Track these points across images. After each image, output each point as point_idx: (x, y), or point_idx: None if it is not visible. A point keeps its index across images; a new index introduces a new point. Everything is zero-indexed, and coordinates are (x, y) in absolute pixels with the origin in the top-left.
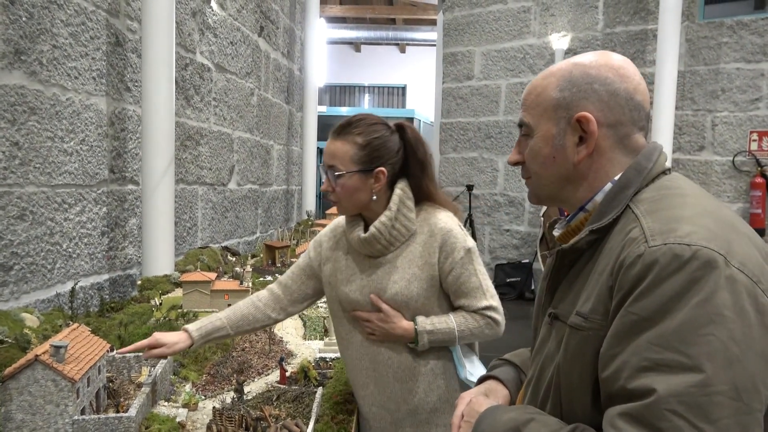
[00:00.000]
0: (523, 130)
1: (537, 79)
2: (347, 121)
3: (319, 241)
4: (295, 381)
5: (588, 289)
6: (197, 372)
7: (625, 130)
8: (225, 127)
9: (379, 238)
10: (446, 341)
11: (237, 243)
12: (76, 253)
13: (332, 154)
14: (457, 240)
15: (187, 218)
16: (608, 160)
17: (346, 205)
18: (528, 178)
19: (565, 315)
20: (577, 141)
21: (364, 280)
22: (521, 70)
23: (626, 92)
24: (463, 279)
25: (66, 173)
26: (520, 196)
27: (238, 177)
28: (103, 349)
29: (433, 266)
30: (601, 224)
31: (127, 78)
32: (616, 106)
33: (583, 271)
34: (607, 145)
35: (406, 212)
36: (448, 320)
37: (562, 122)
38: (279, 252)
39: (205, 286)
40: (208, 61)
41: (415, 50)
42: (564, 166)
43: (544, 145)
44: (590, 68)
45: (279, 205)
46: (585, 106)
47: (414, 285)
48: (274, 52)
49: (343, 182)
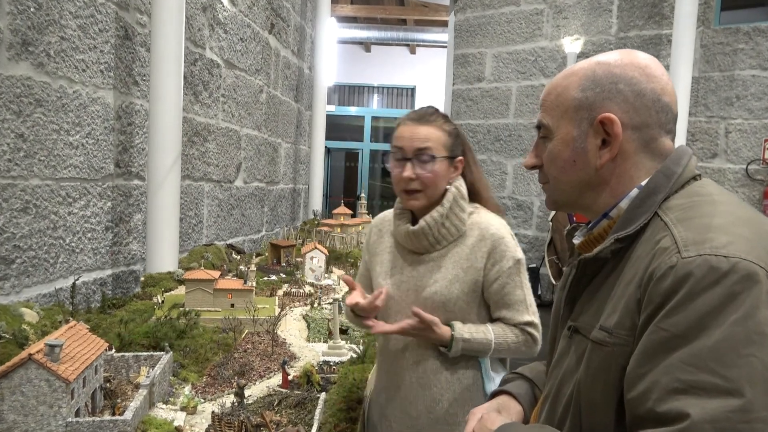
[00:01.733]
0: (542, 132)
1: (557, 79)
2: (426, 111)
3: (366, 241)
4: (297, 385)
5: (613, 302)
6: (197, 373)
7: (652, 132)
8: (233, 124)
9: (427, 234)
10: (480, 352)
11: (242, 241)
12: (80, 248)
13: (425, 137)
14: (508, 248)
15: (192, 215)
16: (633, 165)
17: (431, 194)
18: (545, 183)
19: (586, 328)
20: (599, 144)
21: (404, 275)
22: (532, 73)
23: (653, 93)
24: (508, 290)
25: (71, 167)
26: (528, 200)
27: (244, 174)
28: (100, 348)
29: (479, 271)
30: (627, 232)
31: (135, 72)
32: (642, 107)
33: (607, 281)
34: (631, 149)
35: (458, 211)
36: (486, 331)
37: (583, 124)
38: (284, 251)
39: (208, 284)
40: (218, 57)
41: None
42: (585, 171)
43: (564, 148)
44: (615, 67)
45: (285, 203)
46: (609, 107)
47: (455, 287)
48: (284, 49)
49: (437, 168)
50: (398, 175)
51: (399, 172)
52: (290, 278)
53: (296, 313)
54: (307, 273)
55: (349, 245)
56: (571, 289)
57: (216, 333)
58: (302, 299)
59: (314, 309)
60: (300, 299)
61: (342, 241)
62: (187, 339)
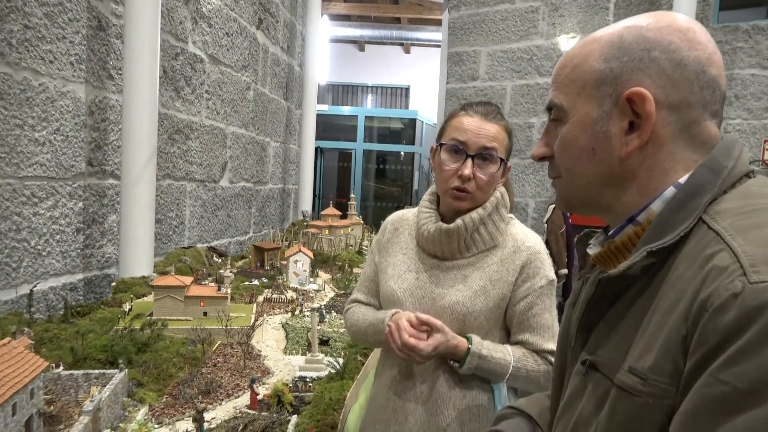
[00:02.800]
0: (554, 114)
1: (575, 48)
2: (490, 107)
3: (378, 239)
4: (267, 406)
5: (646, 336)
6: (157, 392)
7: (693, 114)
8: (218, 122)
9: (461, 234)
10: (495, 374)
11: (228, 243)
12: (47, 251)
13: (492, 136)
14: (543, 265)
15: (173, 216)
16: (668, 155)
17: (479, 198)
18: (556, 178)
19: (608, 367)
20: (626, 127)
21: (420, 280)
22: (528, 72)
23: (697, 63)
24: (536, 311)
25: (36, 164)
26: (523, 201)
27: (230, 174)
28: (37, 369)
29: (508, 285)
30: (663, 244)
31: (110, 65)
32: (682, 80)
33: (635, 306)
34: (667, 134)
35: (497, 219)
36: (506, 351)
37: (606, 102)
38: (268, 254)
39: (179, 291)
40: (201, 52)
41: (419, 51)
42: (606, 162)
43: (580, 133)
44: (648, 30)
45: (274, 204)
46: (639, 80)
47: (479, 300)
48: (273, 46)
49: (494, 171)
50: (452, 170)
51: (455, 168)
52: (272, 283)
53: (275, 321)
54: (291, 277)
55: (337, 248)
56: (586, 313)
57: (184, 345)
58: (283, 306)
59: (295, 317)
60: (281, 306)
61: (330, 243)
62: (149, 353)
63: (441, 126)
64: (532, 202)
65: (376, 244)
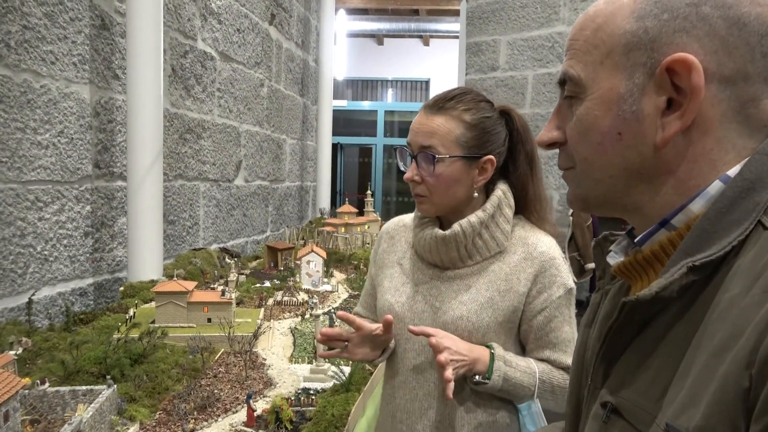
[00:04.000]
0: (568, 90)
1: (599, 4)
2: (447, 95)
3: (374, 251)
4: (265, 423)
5: (689, 382)
6: (150, 408)
7: (752, 90)
8: (231, 120)
9: (460, 241)
10: (522, 386)
11: (245, 243)
12: (54, 256)
13: (430, 132)
14: (559, 273)
15: (186, 216)
16: (717, 143)
17: (438, 201)
18: (569, 169)
19: (635, 415)
20: (663, 106)
21: (419, 293)
22: (549, 60)
23: (760, 22)
24: (555, 325)
25: (40, 168)
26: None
27: (245, 173)
28: (11, 390)
29: (520, 297)
30: (709, 257)
31: (115, 65)
32: (740, 45)
33: (669, 337)
34: (716, 115)
35: (501, 221)
36: (528, 361)
37: (638, 73)
38: (282, 254)
39: (181, 297)
40: (212, 49)
41: (438, 43)
42: (636, 150)
43: (603, 113)
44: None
45: (292, 202)
46: (684, 44)
47: (487, 313)
48: (287, 41)
49: (442, 170)
50: (408, 176)
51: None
52: (284, 284)
53: (284, 325)
54: (304, 278)
55: (353, 246)
56: (607, 343)
57: (184, 354)
58: (294, 309)
59: (305, 321)
60: (291, 309)
61: (345, 241)
62: (145, 364)
63: None
64: (556, 194)
65: (373, 255)
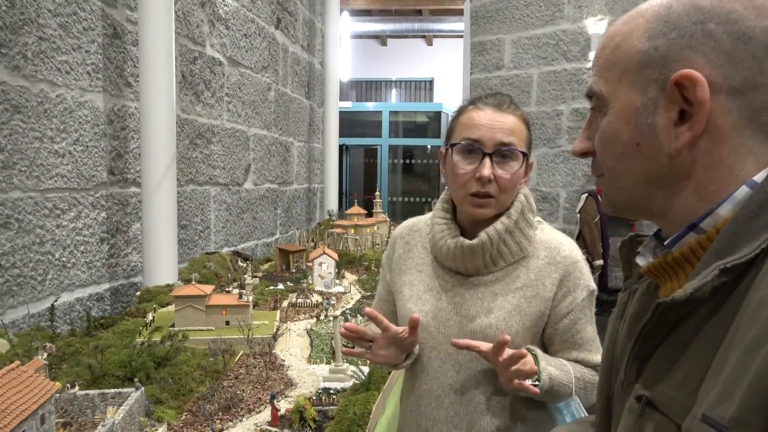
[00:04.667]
0: (594, 103)
1: (618, 24)
2: (502, 97)
3: (388, 255)
4: (289, 422)
5: (724, 376)
6: (176, 409)
7: (763, 98)
8: (239, 124)
9: (487, 249)
10: (563, 384)
11: (255, 245)
12: (71, 262)
13: (509, 129)
14: (582, 276)
15: (198, 221)
16: (732, 150)
17: (504, 202)
18: (601, 176)
19: (671, 408)
20: (675, 118)
21: (442, 301)
22: (554, 58)
23: (766, 35)
24: (580, 326)
25: (57, 176)
26: (554, 192)
27: (254, 176)
28: (47, 394)
29: (546, 302)
30: (740, 259)
31: (127, 72)
32: (746, 58)
33: (702, 334)
34: (728, 124)
35: (524, 226)
36: (561, 360)
37: (651, 88)
38: (293, 256)
39: (200, 301)
40: (220, 55)
41: (442, 42)
42: (654, 159)
43: (622, 126)
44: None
45: (300, 204)
46: (691, 60)
47: (515, 320)
48: (292, 45)
49: (517, 168)
50: (468, 174)
51: (471, 170)
52: (297, 287)
53: (300, 327)
54: (316, 280)
55: (363, 247)
56: (640, 341)
57: (205, 357)
58: (308, 311)
59: (320, 322)
60: (306, 311)
61: (356, 242)
62: (169, 367)
63: (449, 125)
64: (563, 192)
65: (386, 261)
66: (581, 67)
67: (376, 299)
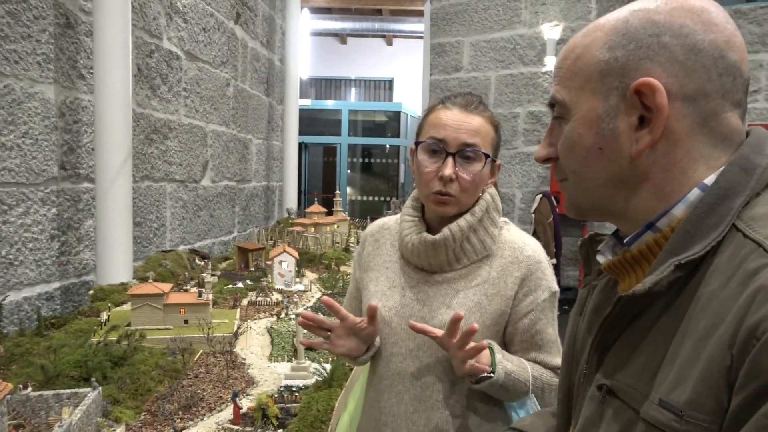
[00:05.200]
0: (557, 111)
1: (577, 37)
2: (470, 97)
3: (358, 253)
4: (251, 420)
5: (678, 363)
6: (134, 409)
7: (712, 105)
8: (197, 120)
9: (449, 245)
10: (519, 380)
11: (212, 243)
12: (19, 260)
13: (474, 130)
14: (545, 276)
15: (154, 218)
16: (686, 153)
17: (465, 202)
18: (563, 180)
19: (630, 395)
20: (635, 123)
21: (406, 297)
22: (511, 62)
23: (713, 47)
24: (540, 327)
25: (4, 170)
26: (510, 192)
27: (212, 173)
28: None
29: (507, 300)
30: (693, 255)
31: (80, 64)
32: (697, 68)
33: (658, 326)
34: (683, 129)
35: (489, 225)
36: (519, 358)
37: (612, 96)
38: (252, 255)
39: (157, 299)
40: (177, 49)
41: (402, 43)
42: (615, 162)
43: (585, 131)
44: (656, 13)
45: (259, 202)
46: (649, 70)
47: (475, 317)
48: (252, 40)
49: (479, 169)
50: (432, 172)
51: (434, 169)
52: (257, 285)
53: (260, 325)
54: (276, 279)
55: (323, 245)
56: (601, 333)
57: (164, 356)
58: (269, 309)
59: (281, 320)
60: (266, 309)
61: (316, 241)
62: (126, 367)
63: (419, 123)
64: (518, 193)
65: (357, 258)
66: (537, 71)
67: (347, 297)
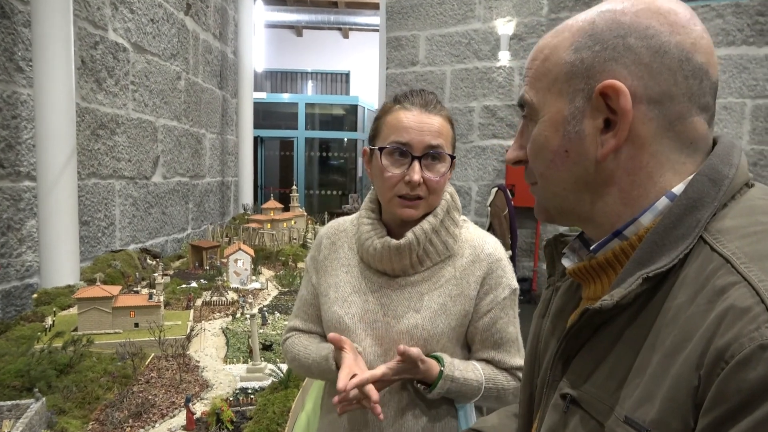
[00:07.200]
0: (526, 112)
1: (546, 37)
2: (428, 96)
3: (313, 256)
4: (205, 425)
5: (645, 379)
6: (82, 419)
7: (678, 108)
8: (146, 114)
9: (414, 249)
10: (466, 396)
11: (164, 241)
12: None
13: (437, 131)
14: (505, 274)
15: (102, 217)
16: (652, 157)
17: (433, 203)
18: (534, 184)
19: (594, 407)
20: (601, 126)
21: (369, 303)
22: (466, 56)
23: (680, 49)
24: (500, 326)
25: None
26: (466, 185)
27: (163, 169)
28: None
29: (470, 300)
30: (661, 269)
31: (17, 56)
32: (663, 70)
33: (624, 337)
34: (648, 132)
35: (450, 225)
36: (477, 370)
37: (578, 98)
38: (207, 253)
39: (106, 303)
40: (124, 40)
41: (358, 36)
42: (581, 165)
43: (552, 134)
44: (623, 14)
45: (213, 198)
46: (614, 72)
47: (440, 320)
48: (204, 32)
49: (445, 170)
50: (397, 176)
51: (400, 173)
52: (211, 284)
53: (215, 326)
54: (231, 277)
55: (280, 242)
56: (565, 342)
57: (113, 362)
58: (224, 309)
59: (236, 320)
60: (221, 309)
61: (272, 237)
62: (72, 374)
63: (373, 124)
64: (475, 186)
65: (311, 262)
66: (492, 65)
67: (300, 304)
